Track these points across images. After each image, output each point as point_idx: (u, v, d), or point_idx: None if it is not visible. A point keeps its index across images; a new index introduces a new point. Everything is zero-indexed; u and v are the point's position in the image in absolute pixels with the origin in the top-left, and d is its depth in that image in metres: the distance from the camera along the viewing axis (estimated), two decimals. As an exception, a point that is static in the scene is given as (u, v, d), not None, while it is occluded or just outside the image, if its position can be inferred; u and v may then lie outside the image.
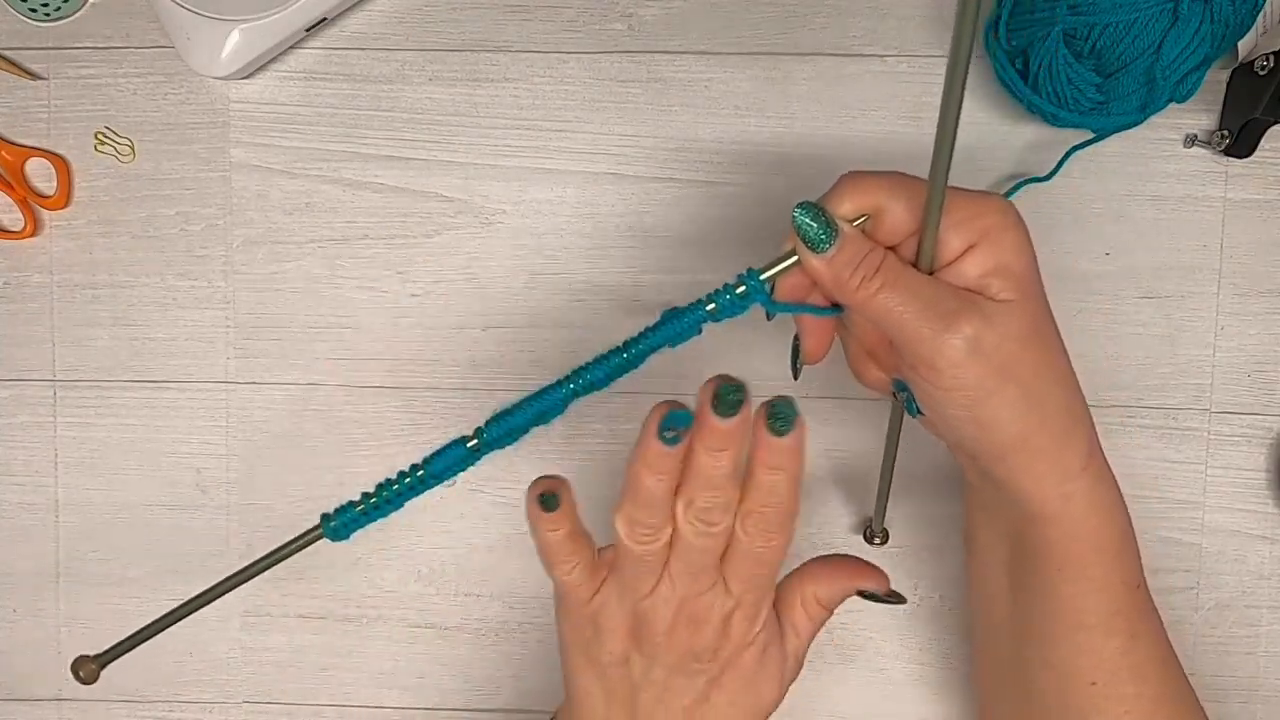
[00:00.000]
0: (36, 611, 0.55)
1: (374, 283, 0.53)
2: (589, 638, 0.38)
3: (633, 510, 0.35)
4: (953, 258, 0.35)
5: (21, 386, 0.54)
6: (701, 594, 0.37)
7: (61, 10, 0.52)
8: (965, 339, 0.33)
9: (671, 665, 0.38)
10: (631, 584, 0.37)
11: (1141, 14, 0.43)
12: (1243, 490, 0.52)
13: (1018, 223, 0.35)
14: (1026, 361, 0.34)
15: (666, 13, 0.51)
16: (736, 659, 0.39)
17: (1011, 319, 0.34)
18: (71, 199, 0.53)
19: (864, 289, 0.34)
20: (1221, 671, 0.52)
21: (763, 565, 0.37)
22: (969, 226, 0.34)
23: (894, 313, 0.34)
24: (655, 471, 0.34)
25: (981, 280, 0.34)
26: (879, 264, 0.34)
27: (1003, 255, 0.34)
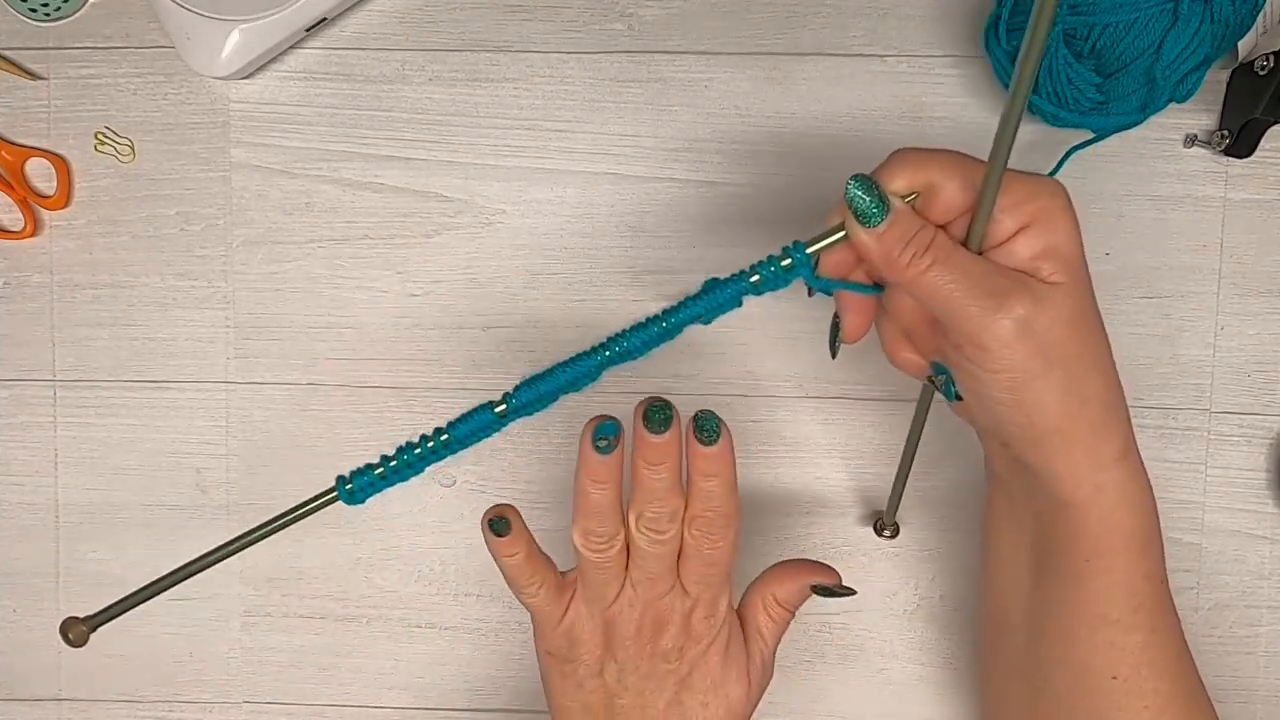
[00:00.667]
0: (36, 611, 0.55)
1: (374, 283, 0.53)
2: (565, 653, 0.41)
3: (585, 521, 0.38)
4: (1004, 238, 0.34)
5: (21, 386, 0.54)
6: (661, 597, 0.40)
7: (61, 10, 0.52)
8: (1015, 319, 0.33)
9: (643, 670, 0.40)
10: (598, 593, 0.40)
11: (1141, 14, 0.43)
12: (1243, 490, 0.52)
13: (1069, 206, 0.35)
14: (1072, 347, 0.34)
15: (666, 13, 0.51)
16: (703, 660, 0.41)
17: (1061, 302, 0.34)
18: (71, 199, 0.53)
19: (914, 266, 0.34)
20: (1221, 671, 0.52)
21: (713, 565, 0.39)
22: (1023, 209, 0.34)
23: (943, 290, 0.34)
24: (597, 481, 0.37)
25: (1032, 262, 0.34)
26: (929, 241, 0.34)
27: (1054, 238, 0.34)
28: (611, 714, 0.41)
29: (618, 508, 0.38)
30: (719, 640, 0.41)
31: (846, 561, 0.53)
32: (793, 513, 0.53)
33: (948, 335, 0.35)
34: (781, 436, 0.52)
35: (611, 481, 0.38)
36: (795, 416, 0.52)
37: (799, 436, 0.52)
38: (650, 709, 0.41)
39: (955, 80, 0.51)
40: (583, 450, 0.37)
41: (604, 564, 0.39)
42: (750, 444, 0.52)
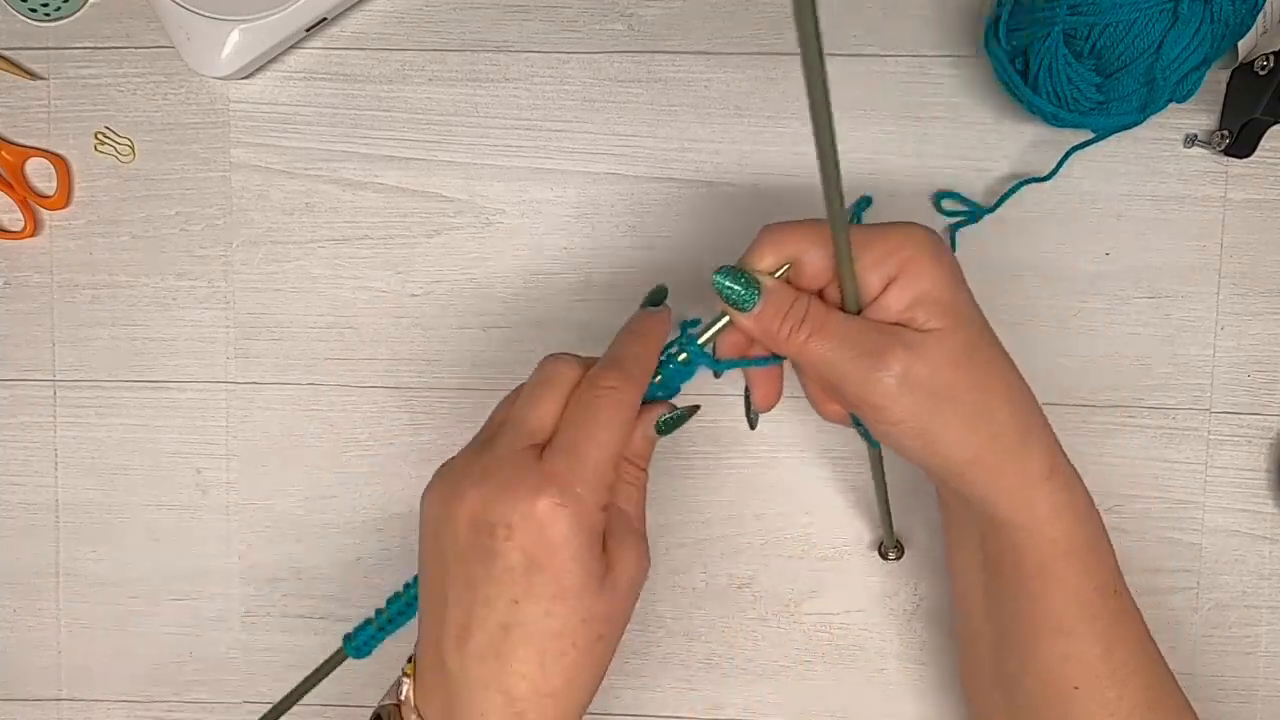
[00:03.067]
0: (36, 611, 0.55)
1: (374, 283, 0.53)
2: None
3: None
4: (876, 293, 0.36)
5: (21, 386, 0.54)
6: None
7: (61, 10, 0.52)
8: (895, 375, 0.34)
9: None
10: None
11: (1141, 14, 0.43)
12: (1243, 490, 0.52)
13: (936, 250, 0.36)
14: (963, 384, 0.35)
15: (666, 13, 0.51)
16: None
17: (939, 347, 0.35)
18: (71, 199, 0.53)
19: (793, 339, 0.36)
20: (1221, 671, 0.52)
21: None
22: (886, 262, 0.35)
23: (825, 358, 0.35)
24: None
25: (906, 313, 0.35)
26: (804, 313, 0.36)
27: (922, 284, 0.35)
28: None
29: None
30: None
31: (846, 562, 0.53)
32: (792, 512, 0.53)
33: (843, 396, 0.37)
34: (782, 436, 0.52)
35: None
36: (796, 416, 0.52)
37: (799, 436, 0.52)
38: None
39: (955, 80, 0.51)
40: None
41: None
42: (750, 444, 0.52)
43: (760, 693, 0.53)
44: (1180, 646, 0.52)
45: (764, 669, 0.53)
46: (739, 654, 0.53)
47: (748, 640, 0.53)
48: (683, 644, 0.54)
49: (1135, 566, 0.52)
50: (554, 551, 0.33)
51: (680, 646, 0.54)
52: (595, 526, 0.34)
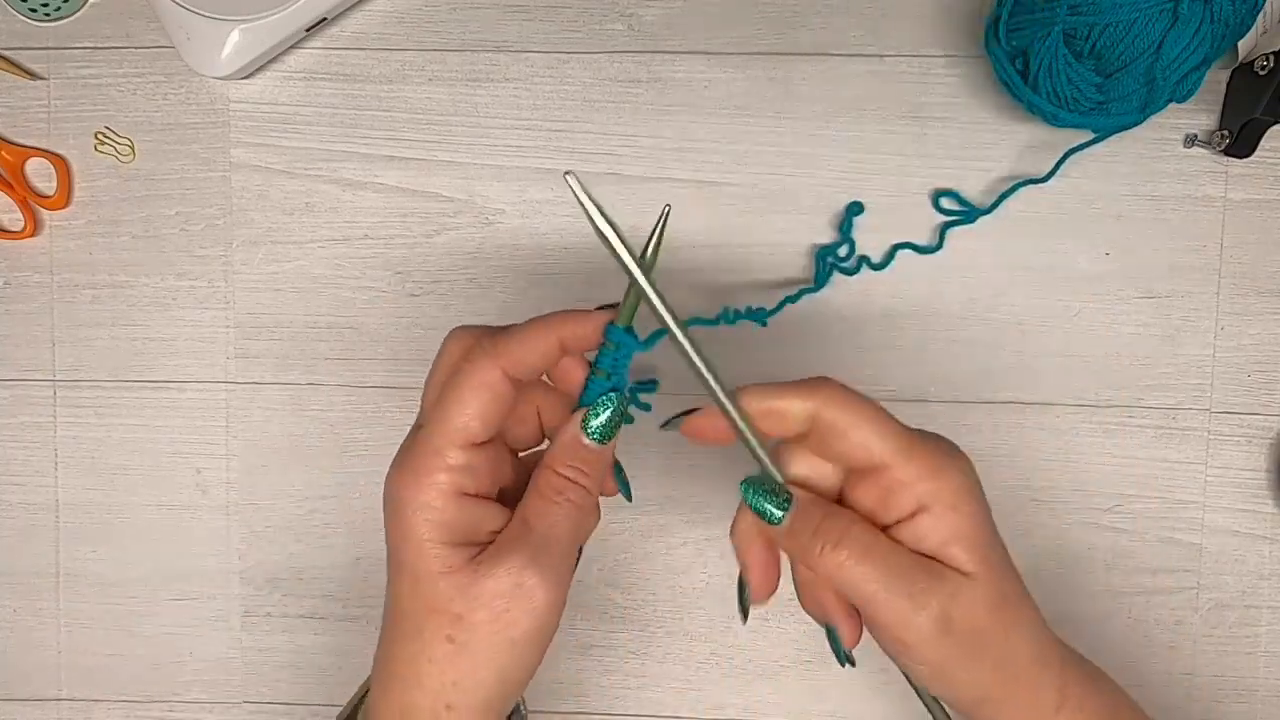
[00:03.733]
0: (36, 611, 0.55)
1: (374, 283, 0.53)
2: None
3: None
4: (905, 515, 0.33)
5: (21, 386, 0.54)
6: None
7: (61, 10, 0.52)
8: (935, 619, 0.32)
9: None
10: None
11: (1141, 14, 0.43)
12: (1243, 490, 0.52)
13: (976, 484, 0.34)
14: (996, 630, 0.34)
15: (666, 13, 0.51)
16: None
17: (978, 592, 0.33)
18: (71, 199, 0.53)
19: (827, 558, 0.33)
20: (1222, 671, 0.52)
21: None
22: (924, 484, 0.33)
23: (860, 586, 0.33)
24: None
25: (942, 549, 0.33)
26: (843, 533, 0.33)
27: (962, 523, 0.33)
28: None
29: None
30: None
31: (846, 561, 0.53)
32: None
33: (868, 624, 0.35)
34: (781, 436, 0.52)
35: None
36: (795, 416, 0.52)
37: (799, 436, 0.52)
38: None
39: (955, 80, 0.51)
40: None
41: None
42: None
43: (760, 693, 0.53)
44: (1180, 646, 0.52)
45: (764, 669, 0.53)
46: (739, 654, 0.53)
47: (748, 640, 0.53)
48: (683, 644, 0.54)
49: (1135, 566, 0.52)
50: (401, 530, 0.33)
51: (680, 646, 0.54)
52: (441, 508, 0.33)
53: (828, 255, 0.51)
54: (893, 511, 0.34)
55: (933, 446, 0.34)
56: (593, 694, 0.54)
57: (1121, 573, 0.52)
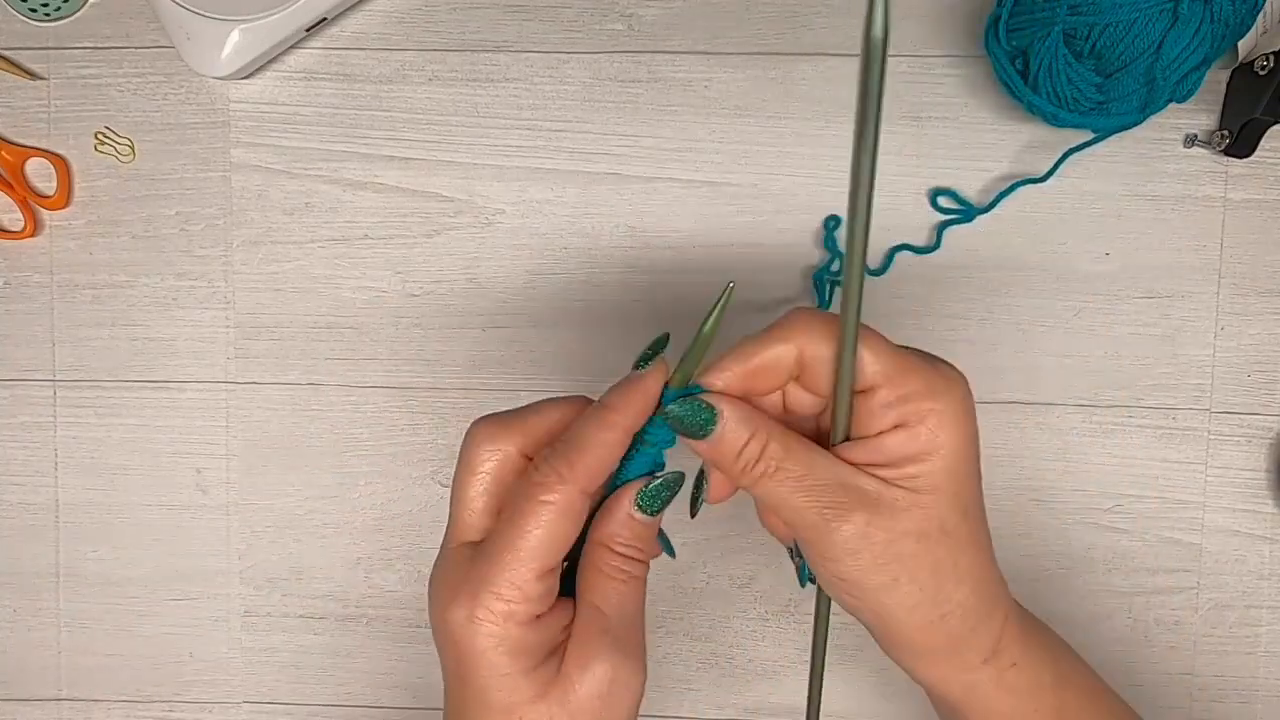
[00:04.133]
0: (36, 611, 0.55)
1: (374, 283, 0.53)
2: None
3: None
4: (880, 430, 0.32)
5: (21, 386, 0.54)
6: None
7: (61, 10, 0.52)
8: (850, 535, 0.31)
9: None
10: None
11: (1141, 14, 0.43)
12: (1243, 490, 0.52)
13: (968, 413, 0.32)
14: (924, 560, 0.32)
15: (666, 13, 0.51)
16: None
17: (907, 515, 0.31)
18: (71, 199, 0.53)
19: (747, 474, 0.32)
20: (1222, 671, 0.52)
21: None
22: (909, 404, 0.31)
23: (779, 500, 0.32)
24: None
25: (900, 466, 0.32)
26: (761, 450, 0.32)
27: (937, 444, 0.31)
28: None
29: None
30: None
31: (846, 561, 0.53)
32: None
33: (795, 534, 0.33)
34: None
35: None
36: (795, 416, 0.52)
37: (799, 436, 0.52)
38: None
39: (955, 80, 0.51)
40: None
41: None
42: (750, 444, 0.52)
43: (760, 693, 0.53)
44: (1180, 646, 0.52)
45: (764, 669, 0.53)
46: (739, 654, 0.53)
47: (748, 640, 0.53)
48: (683, 644, 0.54)
49: (1135, 566, 0.52)
50: (473, 666, 0.31)
51: (680, 646, 0.54)
52: (519, 638, 0.31)
53: (824, 275, 0.51)
54: (870, 427, 0.32)
55: (927, 368, 0.32)
56: (593, 694, 0.54)
57: (1121, 573, 0.52)
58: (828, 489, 0.32)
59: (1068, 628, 0.50)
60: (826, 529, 0.31)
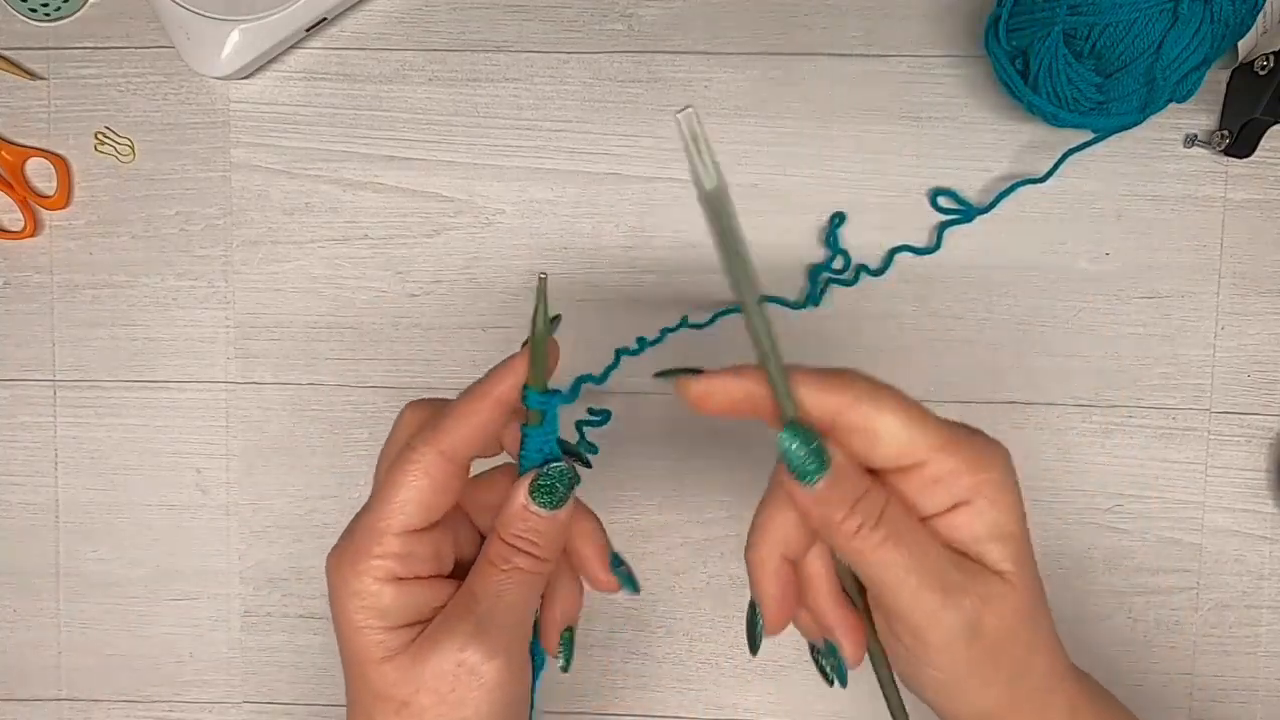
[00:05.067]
0: (36, 611, 0.55)
1: (374, 283, 0.53)
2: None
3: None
4: (943, 510, 0.31)
5: (21, 386, 0.54)
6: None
7: (61, 10, 0.52)
8: (965, 619, 0.30)
9: None
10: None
11: (1141, 14, 0.43)
12: (1243, 490, 0.52)
13: (1013, 478, 0.31)
14: (1020, 641, 0.31)
15: (666, 13, 0.51)
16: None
17: (1011, 597, 0.30)
18: (71, 199, 0.53)
19: (862, 538, 0.30)
20: (1222, 671, 0.52)
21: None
22: (963, 480, 0.30)
23: (892, 573, 0.30)
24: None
25: (977, 545, 0.30)
26: (880, 511, 0.30)
27: (1002, 519, 0.30)
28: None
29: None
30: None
31: (846, 561, 0.53)
32: (793, 513, 0.53)
33: (886, 616, 0.32)
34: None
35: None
36: (795, 416, 0.52)
37: (799, 436, 0.52)
38: None
39: (955, 80, 0.51)
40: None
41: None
42: (752, 446, 0.52)
43: (760, 693, 0.53)
44: (1180, 646, 0.52)
45: (764, 669, 0.53)
46: (739, 654, 0.53)
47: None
48: (683, 644, 0.54)
49: (1135, 566, 0.52)
50: (336, 614, 0.32)
51: (680, 646, 0.54)
52: (376, 595, 0.31)
53: (822, 271, 0.51)
54: (927, 507, 0.31)
55: (973, 439, 0.31)
56: (593, 694, 0.54)
57: (1121, 573, 0.52)
58: (944, 569, 0.30)
59: (1068, 628, 0.50)
60: (940, 614, 0.30)
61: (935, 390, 0.52)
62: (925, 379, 0.52)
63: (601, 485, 0.52)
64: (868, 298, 0.52)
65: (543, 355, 0.32)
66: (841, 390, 0.30)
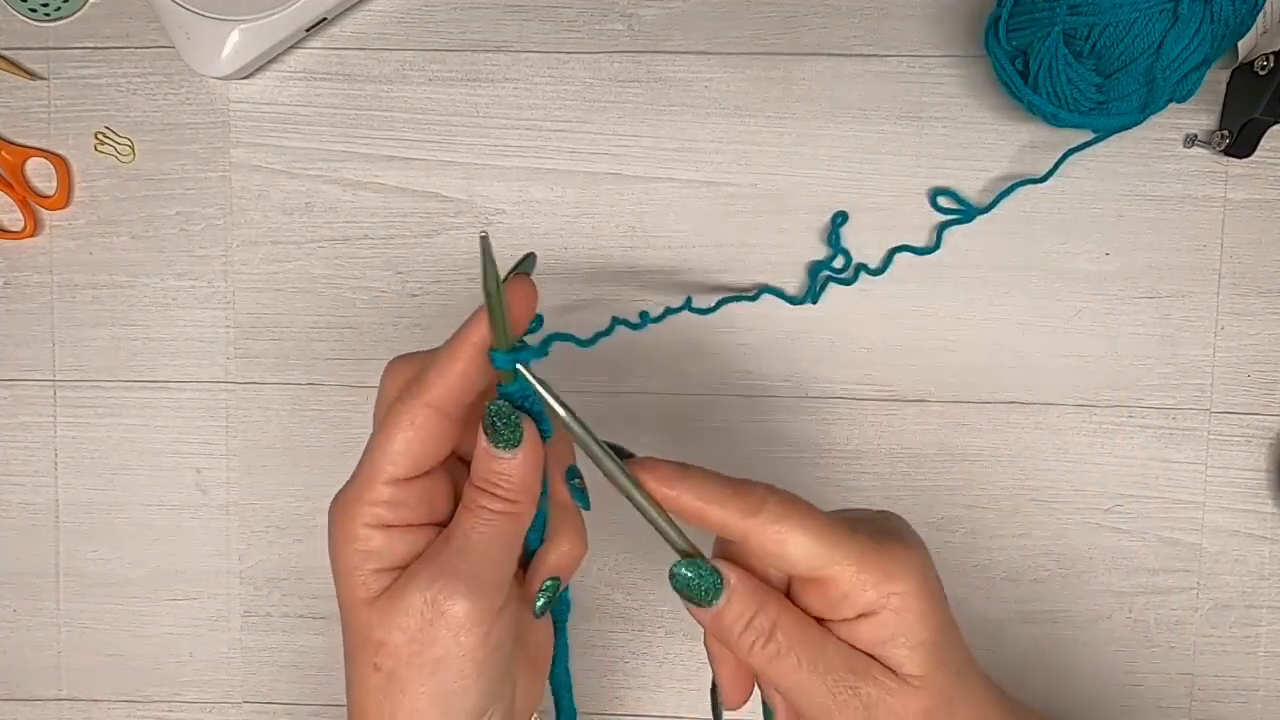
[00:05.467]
0: (36, 611, 0.55)
1: (374, 283, 0.53)
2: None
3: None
4: (845, 618, 0.32)
5: (21, 386, 0.54)
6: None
7: (61, 10, 0.52)
8: (865, 716, 0.32)
9: None
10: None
11: (1141, 14, 0.43)
12: (1243, 490, 0.52)
13: (931, 586, 0.33)
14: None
15: (666, 13, 0.51)
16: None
17: (914, 698, 0.32)
18: (71, 199, 0.53)
19: (757, 653, 0.33)
20: (1222, 671, 0.52)
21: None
22: (869, 591, 0.32)
23: (787, 680, 0.32)
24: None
25: (881, 648, 0.32)
26: (772, 625, 0.32)
27: (906, 625, 0.32)
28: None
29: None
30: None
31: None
32: (793, 513, 0.53)
33: (802, 712, 0.34)
34: (781, 436, 0.52)
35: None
36: (795, 417, 0.52)
37: (799, 436, 0.52)
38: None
39: (955, 80, 0.51)
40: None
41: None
42: (750, 444, 0.52)
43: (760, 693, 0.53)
44: (1180, 646, 0.52)
45: (764, 669, 0.53)
46: (739, 654, 0.53)
47: (748, 640, 0.53)
48: (683, 644, 0.54)
49: (1135, 566, 0.52)
50: (333, 557, 0.33)
51: (680, 646, 0.54)
52: (365, 539, 0.32)
53: (823, 270, 0.51)
54: (834, 614, 0.33)
55: (880, 552, 0.32)
56: (592, 694, 0.54)
57: (1121, 573, 0.52)
58: (837, 670, 0.32)
59: (1068, 628, 0.51)
60: (838, 713, 0.32)
61: (935, 390, 0.52)
62: (925, 379, 0.52)
63: (602, 484, 0.52)
64: (868, 297, 0.52)
65: (500, 314, 0.32)
66: (753, 513, 0.32)
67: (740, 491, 0.33)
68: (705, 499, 0.33)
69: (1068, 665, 0.51)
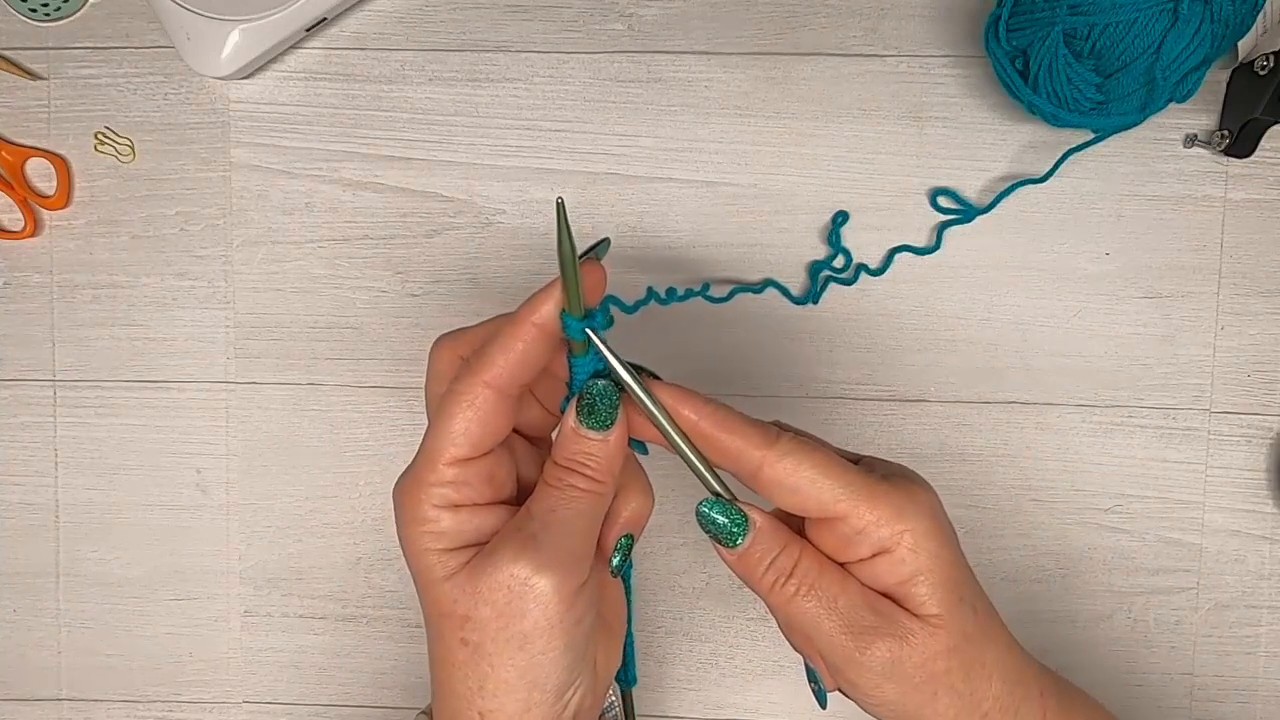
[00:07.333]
0: (36, 611, 0.55)
1: (374, 283, 0.53)
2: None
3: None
4: (865, 556, 0.33)
5: (21, 386, 0.54)
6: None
7: (61, 10, 0.52)
8: (883, 661, 0.32)
9: None
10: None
11: (1141, 14, 0.43)
12: (1243, 490, 0.52)
13: (939, 521, 0.33)
14: (956, 670, 0.33)
15: (666, 13, 0.51)
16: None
17: (935, 636, 0.32)
18: (71, 199, 0.53)
19: (777, 591, 0.33)
20: (1222, 671, 0.52)
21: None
22: (881, 529, 0.32)
23: (808, 621, 0.33)
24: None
25: (901, 588, 0.33)
26: (792, 565, 0.33)
27: (921, 561, 0.32)
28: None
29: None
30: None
31: (846, 561, 0.53)
32: (793, 513, 0.53)
33: (823, 658, 0.34)
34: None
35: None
36: (795, 417, 0.52)
37: (799, 436, 0.52)
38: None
39: (955, 80, 0.51)
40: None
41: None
42: (750, 444, 0.52)
43: (760, 693, 0.53)
44: (1180, 646, 0.52)
45: (764, 669, 0.53)
46: (739, 654, 0.53)
47: (748, 640, 0.53)
48: (683, 644, 0.54)
49: (1135, 566, 0.52)
50: (402, 539, 0.33)
51: (680, 646, 0.54)
52: (435, 519, 0.32)
53: (823, 269, 0.51)
54: (851, 554, 0.33)
55: (892, 490, 0.33)
56: (593, 694, 0.54)
57: (1121, 573, 0.52)
58: (857, 614, 0.33)
59: (1068, 628, 0.51)
60: (859, 654, 0.32)
61: (935, 390, 0.52)
62: (925, 379, 0.52)
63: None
64: (868, 297, 0.52)
65: (575, 280, 0.32)
66: (769, 444, 0.33)
67: (758, 424, 0.34)
68: (724, 427, 0.33)
69: (1068, 665, 0.51)
